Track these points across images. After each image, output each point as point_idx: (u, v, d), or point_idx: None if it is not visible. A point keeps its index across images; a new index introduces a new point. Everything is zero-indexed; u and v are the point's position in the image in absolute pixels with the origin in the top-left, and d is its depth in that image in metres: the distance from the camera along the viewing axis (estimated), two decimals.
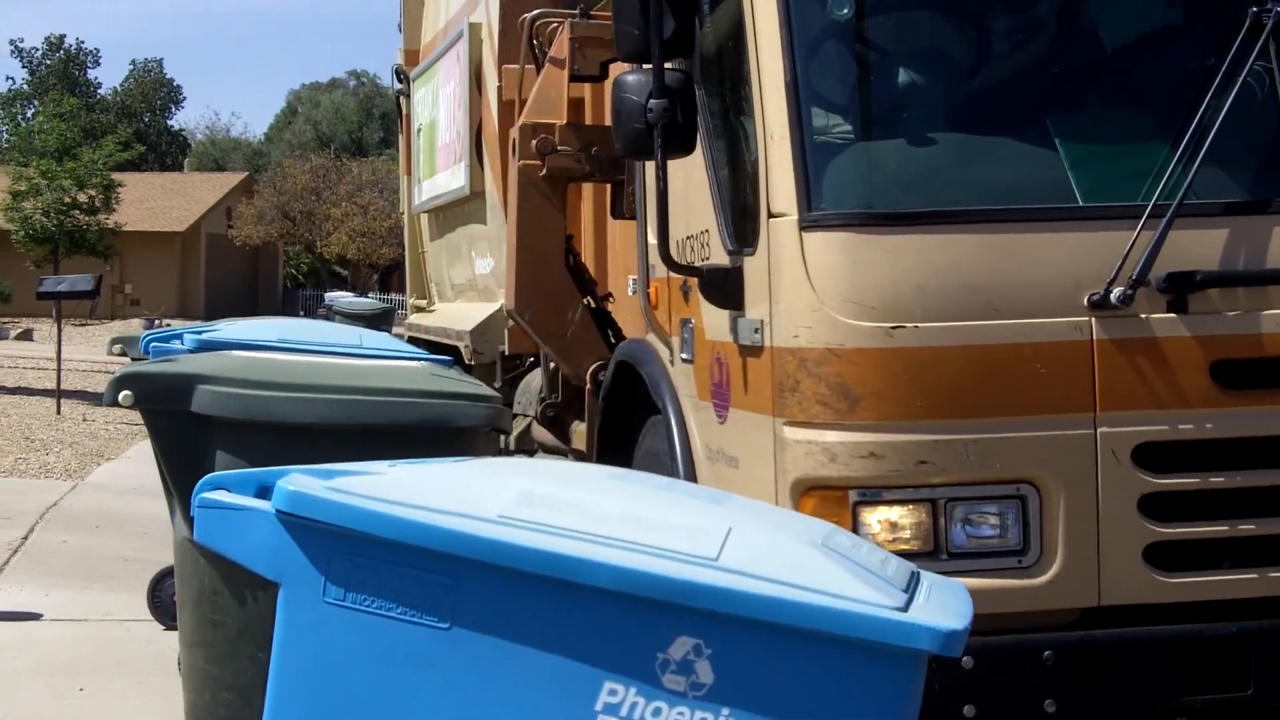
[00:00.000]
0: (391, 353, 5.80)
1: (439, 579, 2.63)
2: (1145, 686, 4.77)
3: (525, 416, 8.97)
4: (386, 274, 60.61)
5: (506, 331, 9.55)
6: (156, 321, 41.23)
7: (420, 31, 12.76)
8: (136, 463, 14.50)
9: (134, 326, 38.08)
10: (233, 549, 2.81)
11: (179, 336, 5.84)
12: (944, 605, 2.62)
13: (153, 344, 5.82)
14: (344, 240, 54.35)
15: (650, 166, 6.02)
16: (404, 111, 13.28)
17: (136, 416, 5.81)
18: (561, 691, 2.57)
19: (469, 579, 2.62)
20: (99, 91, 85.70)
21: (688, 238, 5.85)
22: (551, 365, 8.05)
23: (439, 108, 11.30)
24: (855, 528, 4.67)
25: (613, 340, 7.34)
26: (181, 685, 5.08)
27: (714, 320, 5.50)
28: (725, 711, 2.52)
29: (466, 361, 9.98)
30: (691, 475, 5.70)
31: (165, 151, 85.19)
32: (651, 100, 5.20)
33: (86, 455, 15.51)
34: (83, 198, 41.48)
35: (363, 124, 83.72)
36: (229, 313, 36.96)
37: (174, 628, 5.64)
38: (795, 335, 4.83)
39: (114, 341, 6.68)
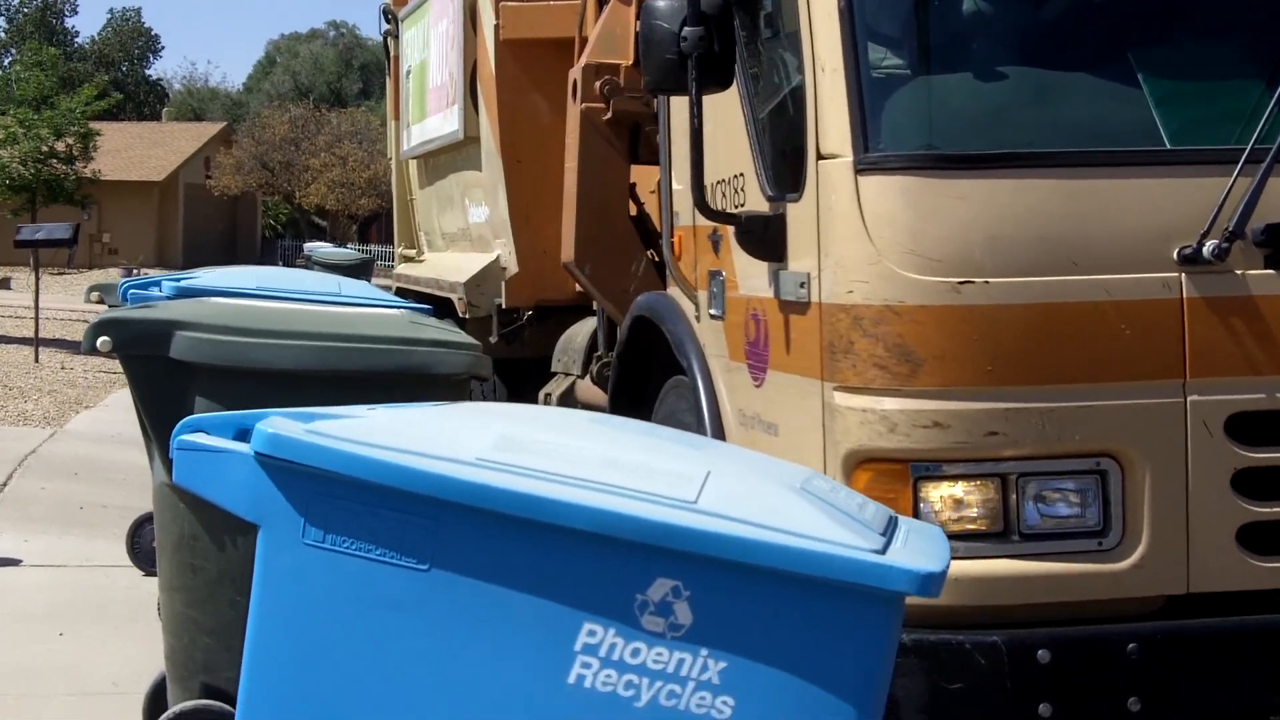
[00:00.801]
0: (371, 300, 5.79)
1: (418, 521, 2.64)
2: (1238, 682, 4.31)
3: (568, 375, 8.41)
4: (365, 225, 60.40)
5: (503, 284, 9.15)
6: (134, 271, 41.12)
7: None
8: (115, 410, 14.50)
9: (112, 276, 37.95)
10: (211, 491, 2.81)
11: (157, 284, 5.82)
12: (921, 549, 2.64)
13: (131, 291, 5.80)
14: (323, 191, 54.11)
15: (677, 103, 5.58)
16: (392, 53, 12.81)
17: (115, 365, 5.81)
18: (540, 632, 2.58)
19: (448, 521, 2.63)
20: (76, 40, 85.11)
21: (718, 182, 5.38)
22: (607, 321, 7.50)
23: (430, 48, 10.86)
24: (915, 505, 4.28)
25: None
26: (161, 630, 5.09)
27: (750, 273, 5.05)
28: (704, 652, 2.54)
29: (460, 315, 9.58)
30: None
31: (143, 101, 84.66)
32: (685, 28, 4.69)
33: (65, 403, 15.49)
34: (60, 147, 41.14)
35: (342, 75, 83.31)
36: (207, 263, 36.77)
37: (153, 573, 5.66)
38: (849, 290, 4.35)
39: (92, 289, 6.66)
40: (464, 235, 10.62)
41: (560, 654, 2.57)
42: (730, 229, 5.09)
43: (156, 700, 5.11)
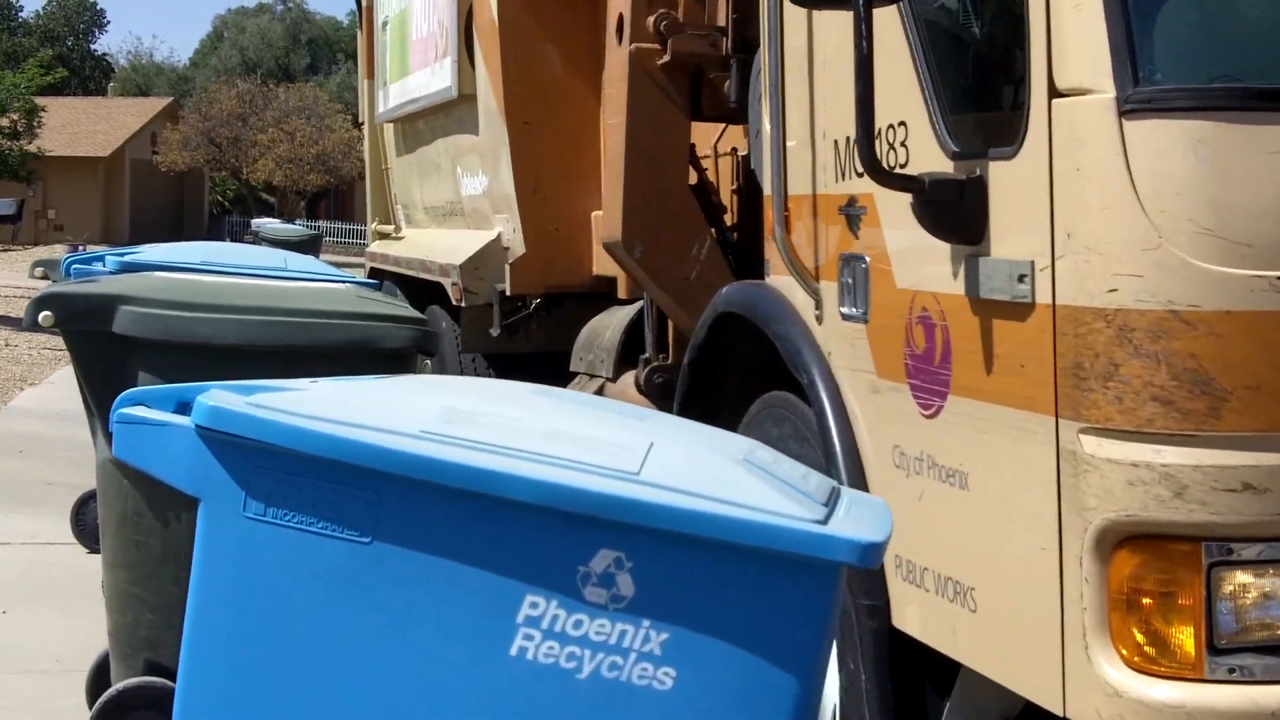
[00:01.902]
0: (317, 275, 5.77)
1: (360, 494, 2.63)
2: None
3: (593, 377, 7.19)
4: (314, 201, 60.15)
5: (507, 267, 7.89)
6: (80, 247, 40.77)
7: None
8: (61, 387, 14.39)
9: (57, 252, 37.66)
10: (151, 465, 2.79)
11: (100, 259, 5.79)
12: (864, 519, 2.64)
13: (74, 266, 5.77)
14: (270, 167, 53.86)
15: (793, 27, 4.43)
16: (363, 3, 11.62)
17: (61, 342, 5.77)
18: (483, 604, 2.57)
19: (390, 494, 2.61)
20: (20, 15, 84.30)
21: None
22: (658, 314, 6.37)
23: None
24: (1209, 602, 3.10)
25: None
26: (104, 607, 5.06)
27: (917, 258, 3.80)
28: (646, 623, 2.53)
29: (454, 302, 8.46)
30: (861, 489, 3.98)
31: (89, 76, 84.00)
32: None
33: (9, 380, 15.36)
34: (4, 122, 40.81)
35: (290, 49, 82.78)
36: (153, 239, 36.55)
37: (97, 551, 5.61)
38: (1110, 288, 3.10)
39: (36, 264, 6.62)
40: (454, 210, 9.48)
41: (502, 626, 2.56)
42: (881, 197, 3.93)
43: (100, 678, 5.08)
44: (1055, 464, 3.25)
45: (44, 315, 4.76)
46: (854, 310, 4.15)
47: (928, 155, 3.71)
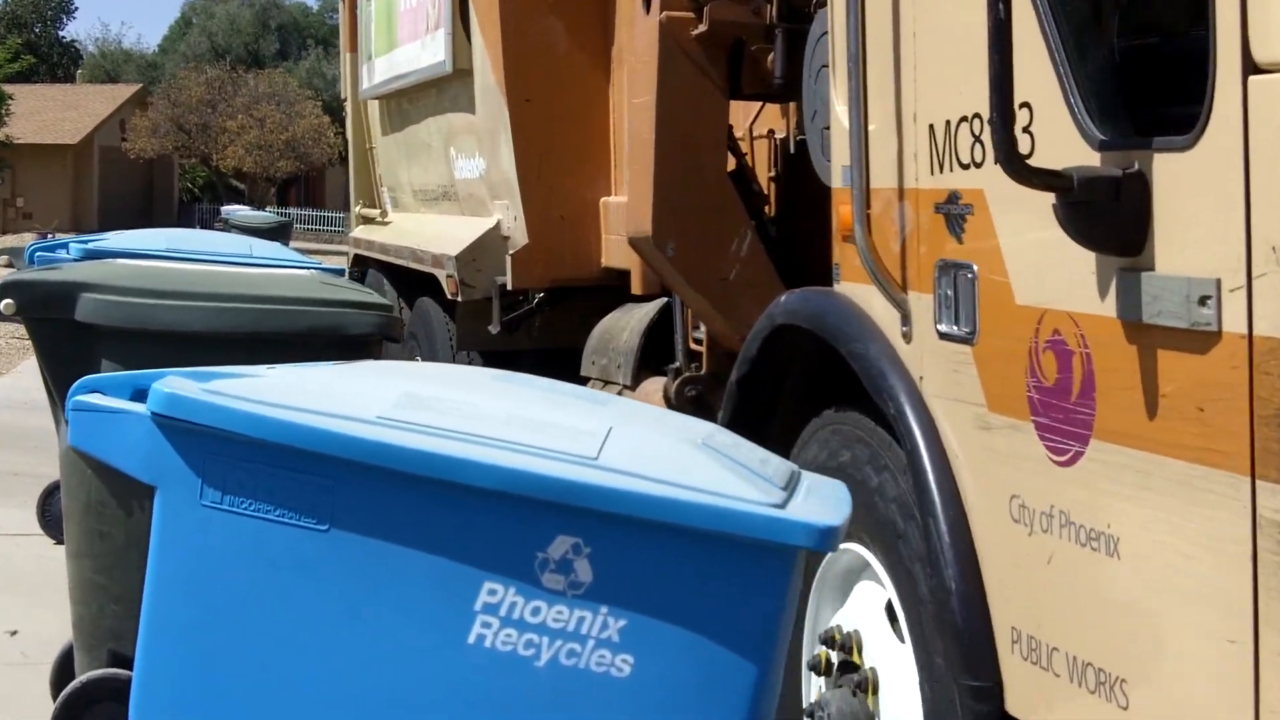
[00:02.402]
0: (282, 262, 5.74)
1: (317, 481, 2.61)
2: None
3: (609, 384, 6.55)
4: (284, 188, 59.90)
5: (508, 258, 7.31)
6: (49, 235, 40.60)
7: None
8: (29, 377, 14.29)
9: (26, 240, 37.48)
10: (107, 452, 2.77)
11: (65, 246, 5.77)
12: (822, 502, 2.64)
13: (38, 253, 5.75)
14: (240, 154, 53.63)
15: None
16: None
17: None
18: (441, 592, 2.56)
19: (347, 481, 2.60)
20: None
21: (963, 119, 3.40)
22: (687, 316, 5.84)
23: None
24: None
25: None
26: (68, 597, 5.03)
27: (1045, 268, 3.15)
28: (603, 610, 2.53)
29: (449, 295, 7.87)
30: (965, 545, 3.43)
31: (56, 64, 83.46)
32: None
33: None
34: None
35: (259, 36, 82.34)
36: (123, 226, 36.36)
37: (64, 541, 5.59)
38: None
39: (0, 252, 6.56)
40: (447, 194, 8.80)
41: (461, 614, 2.55)
42: (995, 193, 3.29)
43: (64, 670, 5.06)
44: (1250, 536, 2.61)
45: (5, 303, 4.73)
46: (955, 329, 3.49)
47: (1063, 144, 3.01)
